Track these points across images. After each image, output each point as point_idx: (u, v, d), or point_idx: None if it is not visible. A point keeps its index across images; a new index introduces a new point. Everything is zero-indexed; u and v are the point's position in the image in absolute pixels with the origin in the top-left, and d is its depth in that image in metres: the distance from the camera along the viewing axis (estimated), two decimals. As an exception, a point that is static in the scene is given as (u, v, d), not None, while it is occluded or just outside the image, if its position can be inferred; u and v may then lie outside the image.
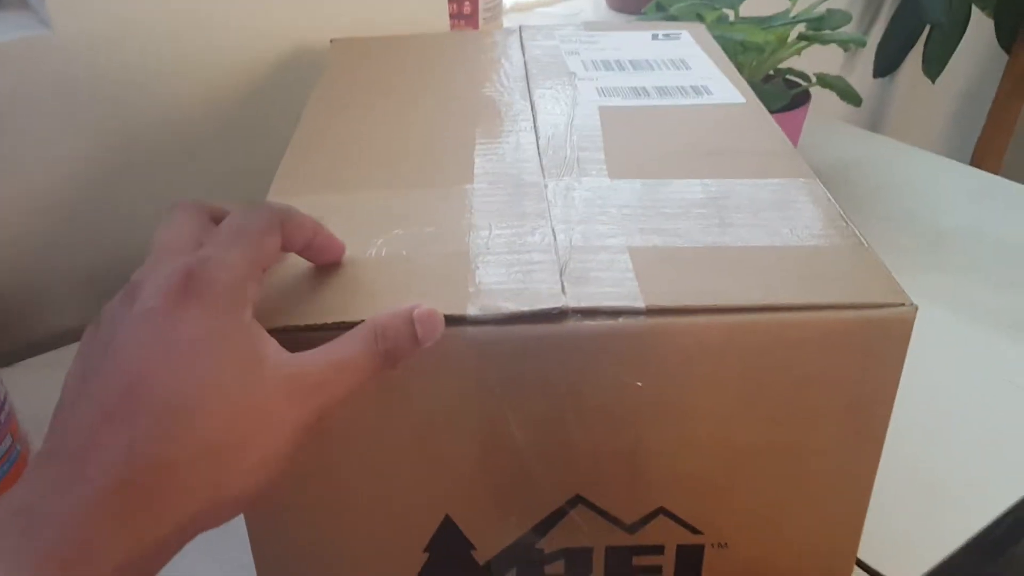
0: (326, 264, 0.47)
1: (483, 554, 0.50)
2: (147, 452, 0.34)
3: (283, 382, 0.38)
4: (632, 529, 0.49)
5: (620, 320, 0.43)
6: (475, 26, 1.03)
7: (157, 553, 0.35)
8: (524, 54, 0.75)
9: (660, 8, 1.01)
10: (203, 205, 0.44)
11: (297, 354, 0.39)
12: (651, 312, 0.43)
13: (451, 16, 1.00)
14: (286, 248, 0.44)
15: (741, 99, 0.66)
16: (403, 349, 0.41)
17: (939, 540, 0.62)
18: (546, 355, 0.43)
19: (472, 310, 0.43)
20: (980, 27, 1.70)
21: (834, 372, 0.44)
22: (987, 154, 1.76)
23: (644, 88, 0.67)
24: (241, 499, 0.37)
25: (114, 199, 0.84)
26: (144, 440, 0.34)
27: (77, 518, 0.33)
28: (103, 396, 0.35)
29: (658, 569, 0.51)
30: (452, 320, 0.42)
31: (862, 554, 0.60)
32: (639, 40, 0.78)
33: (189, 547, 0.36)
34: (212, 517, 0.36)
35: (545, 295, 0.43)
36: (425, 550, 0.50)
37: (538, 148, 0.58)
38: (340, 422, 0.45)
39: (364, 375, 0.40)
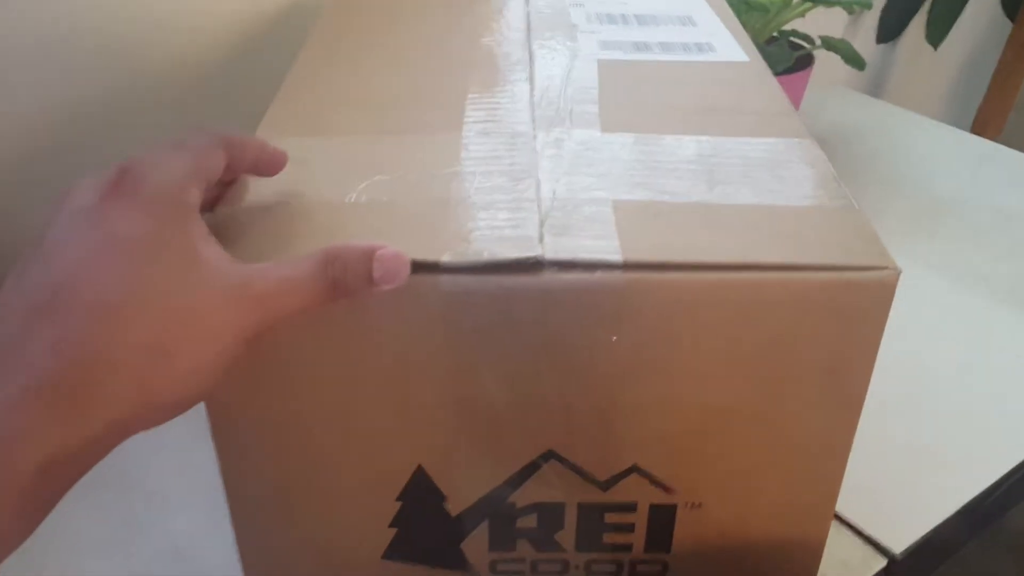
0: (271, 175, 0.47)
1: (455, 505, 0.50)
2: (75, 349, 0.34)
3: (224, 289, 0.37)
4: (605, 486, 0.49)
5: (596, 274, 0.42)
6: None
7: (85, 451, 0.35)
8: (528, 5, 0.74)
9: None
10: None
11: (244, 265, 0.39)
12: (628, 267, 0.42)
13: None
14: (234, 168, 0.44)
15: (745, 57, 0.64)
16: (354, 283, 0.40)
17: (933, 507, 0.63)
18: (520, 307, 0.43)
19: (446, 257, 0.42)
20: (986, -7, 1.69)
21: (812, 333, 0.44)
22: (988, 122, 1.75)
23: (646, 43, 0.66)
24: (174, 405, 0.37)
25: (104, 149, 0.83)
26: (72, 337, 0.34)
27: (1, 413, 0.33)
28: (32, 293, 0.35)
29: (630, 527, 0.51)
30: (425, 266, 0.41)
31: (857, 520, 0.61)
32: (648, -6, 0.77)
33: (163, 498, 0.36)
34: (143, 420, 0.36)
35: (522, 244, 0.43)
36: (397, 499, 0.50)
37: (531, 99, 0.57)
38: (312, 368, 0.45)
39: (308, 298, 0.39)
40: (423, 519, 0.51)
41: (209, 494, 0.61)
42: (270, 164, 0.46)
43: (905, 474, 0.64)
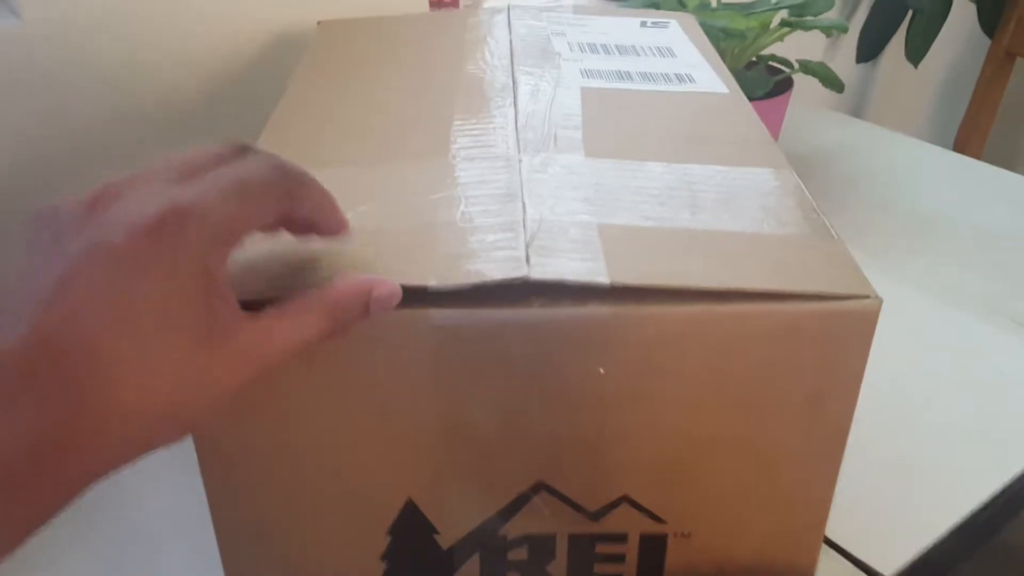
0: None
1: (446, 539, 0.50)
2: (69, 408, 0.32)
3: (230, 356, 0.36)
4: (595, 517, 0.49)
5: (584, 307, 0.42)
6: (456, 11, 1.02)
7: (58, 501, 0.33)
8: (511, 33, 0.74)
9: (643, -6, 1.00)
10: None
11: (251, 324, 0.37)
12: (616, 296, 0.42)
13: (431, 5, 0.99)
14: (284, 225, 0.41)
15: (724, 89, 0.65)
16: (352, 322, 0.40)
17: (924, 527, 0.62)
18: (509, 340, 0.43)
19: (433, 281, 0.42)
20: (962, 12, 1.70)
21: (797, 363, 0.44)
22: (969, 139, 1.76)
23: (628, 72, 0.67)
24: (155, 448, 0.35)
25: (89, 181, 0.83)
26: (73, 397, 0.32)
27: None
28: (32, 326, 0.32)
29: (621, 558, 0.51)
30: (412, 293, 0.41)
31: (846, 543, 0.61)
32: (627, 26, 0.78)
33: (150, 534, 0.35)
34: (117, 468, 0.34)
35: (509, 266, 0.43)
36: (388, 533, 0.50)
37: (516, 125, 0.57)
38: (301, 401, 0.45)
39: (306, 349, 0.39)
40: (414, 552, 0.50)
41: (196, 530, 0.61)
42: (327, 224, 0.42)
43: (895, 495, 0.65)
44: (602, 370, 0.44)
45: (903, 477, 0.66)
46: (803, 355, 0.44)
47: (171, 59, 0.83)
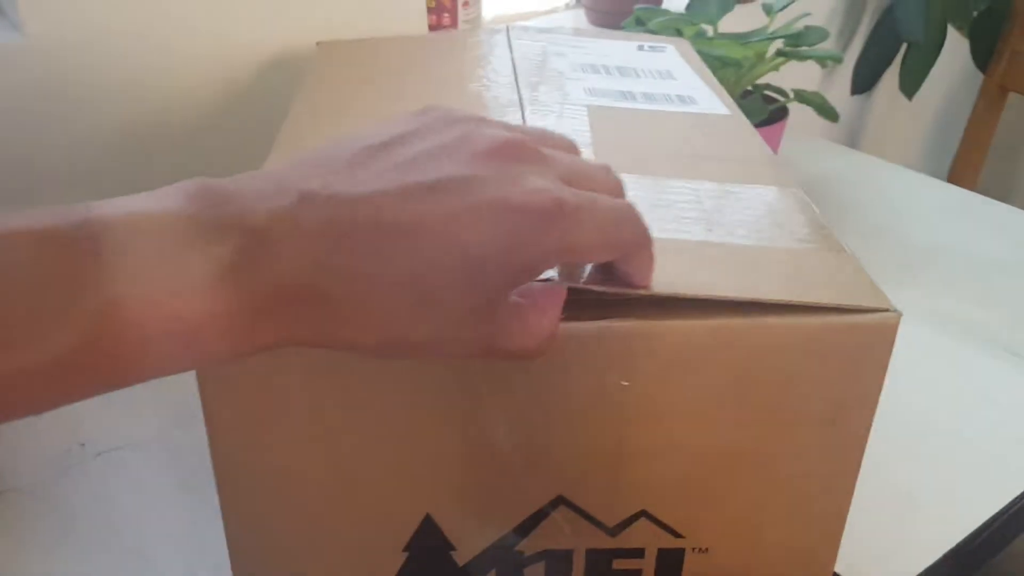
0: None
1: (463, 555, 0.50)
2: (301, 291, 0.33)
3: (472, 337, 0.37)
4: (613, 532, 0.49)
5: (606, 321, 0.43)
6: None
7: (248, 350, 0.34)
8: (512, 52, 0.75)
9: (639, 23, 1.01)
10: None
11: (517, 318, 0.38)
12: (638, 309, 0.43)
13: (430, 29, 1.00)
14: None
15: (725, 111, 0.66)
16: None
17: (917, 552, 0.63)
18: None
19: None
20: (956, 46, 1.72)
21: (817, 375, 0.44)
22: (963, 171, 1.77)
23: (631, 92, 0.67)
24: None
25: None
26: (324, 272, 0.33)
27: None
28: (369, 199, 0.34)
29: (638, 573, 0.51)
30: None
31: (839, 566, 0.61)
32: (625, 49, 0.78)
33: (143, 557, 0.34)
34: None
35: None
36: (404, 549, 0.50)
37: (525, 140, 0.57)
38: (321, 414, 0.45)
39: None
40: (430, 570, 0.50)
41: (190, 552, 0.61)
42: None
43: (889, 520, 0.65)
44: (625, 383, 0.44)
45: (898, 502, 0.66)
46: (823, 368, 0.44)
47: (171, 78, 0.83)
